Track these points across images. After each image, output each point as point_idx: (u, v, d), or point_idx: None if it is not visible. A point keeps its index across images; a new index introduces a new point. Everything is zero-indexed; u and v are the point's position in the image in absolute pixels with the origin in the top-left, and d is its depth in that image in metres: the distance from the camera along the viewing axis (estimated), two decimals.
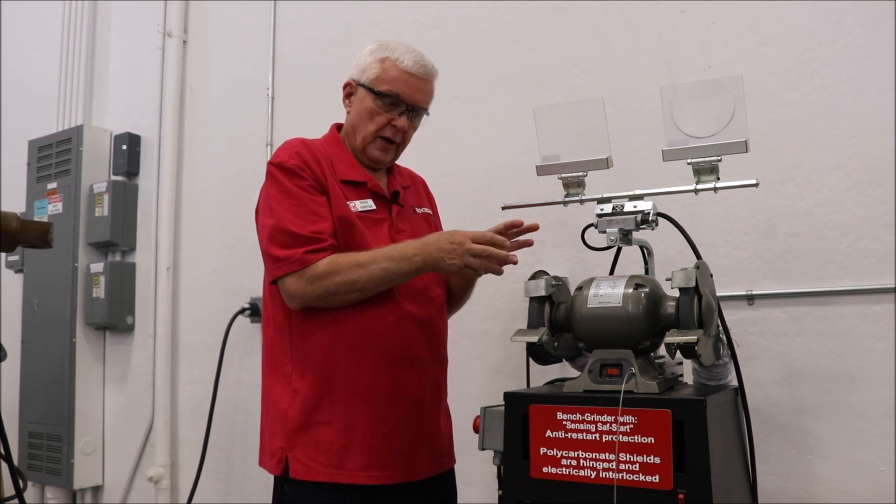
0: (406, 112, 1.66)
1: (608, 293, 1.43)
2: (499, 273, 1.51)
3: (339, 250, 1.56)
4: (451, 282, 1.81)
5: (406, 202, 1.75)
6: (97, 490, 3.24)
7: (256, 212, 1.68)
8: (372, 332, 1.58)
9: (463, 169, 2.35)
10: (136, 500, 3.11)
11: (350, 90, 1.71)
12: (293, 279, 1.53)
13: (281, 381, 1.62)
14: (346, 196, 1.62)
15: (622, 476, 1.29)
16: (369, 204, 1.64)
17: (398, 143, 1.70)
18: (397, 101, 1.65)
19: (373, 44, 1.70)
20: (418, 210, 1.79)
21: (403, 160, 1.82)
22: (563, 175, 1.58)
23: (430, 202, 1.90)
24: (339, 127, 1.78)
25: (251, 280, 2.81)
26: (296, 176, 1.59)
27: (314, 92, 2.71)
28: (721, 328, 1.54)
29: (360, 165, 1.70)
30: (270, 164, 1.63)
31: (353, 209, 1.61)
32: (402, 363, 1.60)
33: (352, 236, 1.58)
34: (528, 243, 1.69)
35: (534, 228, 1.66)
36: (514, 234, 1.66)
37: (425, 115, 1.72)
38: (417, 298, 1.64)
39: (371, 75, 1.65)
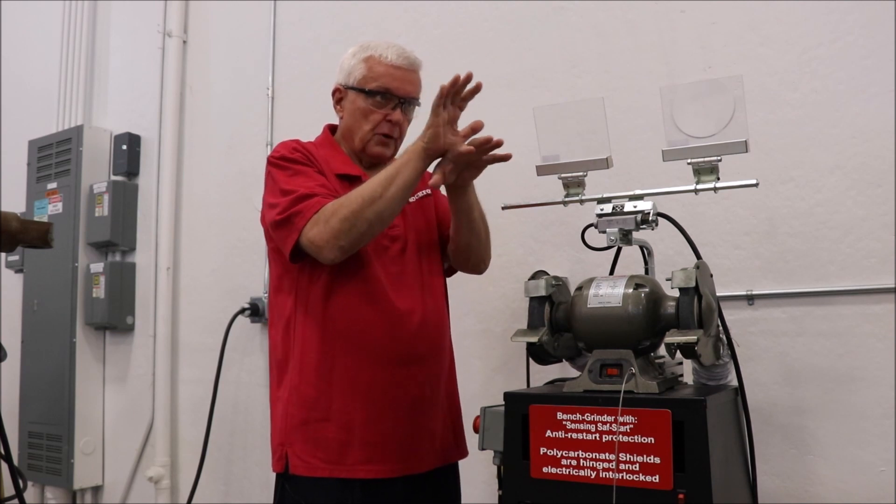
0: (399, 105, 1.68)
1: (608, 293, 1.42)
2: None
3: None
4: (454, 217, 1.69)
5: None
6: (97, 490, 3.24)
7: (263, 208, 1.66)
8: (370, 333, 1.59)
9: None
10: (136, 500, 3.11)
11: (340, 95, 1.72)
12: (313, 230, 1.49)
13: (283, 377, 1.63)
14: (341, 190, 1.62)
15: (622, 476, 1.29)
16: None
17: (395, 137, 1.71)
18: (388, 95, 1.66)
19: (354, 47, 1.72)
20: (411, 199, 1.72)
21: None
22: (563, 175, 1.58)
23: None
24: (331, 128, 1.79)
25: (251, 280, 2.81)
26: (300, 164, 1.62)
27: (314, 92, 2.70)
28: (721, 328, 1.54)
29: (354, 164, 1.71)
30: (273, 157, 1.64)
31: None
32: (400, 363, 1.61)
33: None
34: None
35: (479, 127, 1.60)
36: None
37: (417, 107, 1.73)
38: (415, 295, 1.65)
39: (358, 76, 1.67)
